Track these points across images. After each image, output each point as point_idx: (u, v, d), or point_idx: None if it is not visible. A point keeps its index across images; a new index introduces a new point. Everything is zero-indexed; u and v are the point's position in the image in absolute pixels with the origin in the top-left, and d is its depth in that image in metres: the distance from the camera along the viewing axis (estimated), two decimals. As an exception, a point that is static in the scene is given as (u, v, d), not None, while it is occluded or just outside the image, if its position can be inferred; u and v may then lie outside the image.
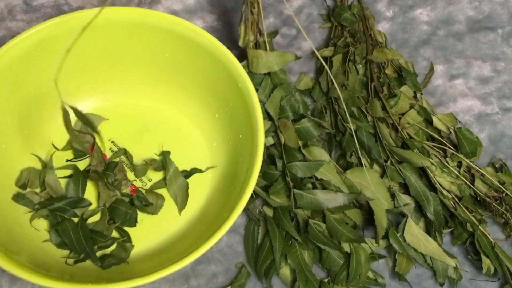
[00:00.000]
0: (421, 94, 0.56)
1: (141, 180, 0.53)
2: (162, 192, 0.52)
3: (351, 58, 0.58)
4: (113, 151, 0.53)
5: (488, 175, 0.52)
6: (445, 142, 0.53)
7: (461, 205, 0.51)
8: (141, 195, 0.51)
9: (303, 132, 0.51)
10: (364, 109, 0.55)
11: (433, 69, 0.60)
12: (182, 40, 0.49)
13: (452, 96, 0.60)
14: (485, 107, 0.59)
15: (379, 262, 0.52)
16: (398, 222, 0.51)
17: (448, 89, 0.60)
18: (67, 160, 0.52)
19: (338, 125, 0.54)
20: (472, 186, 0.52)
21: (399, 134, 0.52)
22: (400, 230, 0.50)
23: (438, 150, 0.53)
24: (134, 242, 0.50)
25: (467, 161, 0.52)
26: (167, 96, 0.55)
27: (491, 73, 0.61)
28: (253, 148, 0.46)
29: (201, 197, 0.52)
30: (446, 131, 0.54)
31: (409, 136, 0.52)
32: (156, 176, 0.53)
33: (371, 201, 0.50)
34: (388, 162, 0.52)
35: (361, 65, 0.58)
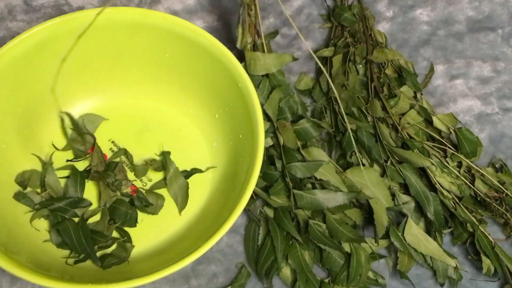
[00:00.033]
0: (421, 94, 0.56)
1: (141, 180, 0.53)
2: (162, 192, 0.52)
3: (351, 58, 0.58)
4: (113, 151, 0.53)
5: (488, 175, 0.52)
6: (445, 142, 0.53)
7: (461, 205, 0.51)
8: (141, 195, 0.51)
9: (302, 133, 0.51)
10: (364, 109, 0.55)
11: (433, 69, 0.60)
12: (182, 40, 0.49)
13: (452, 96, 0.60)
14: (485, 107, 0.59)
15: (380, 263, 0.52)
16: (399, 222, 0.51)
17: (448, 89, 0.60)
18: (67, 160, 0.52)
19: (338, 125, 0.54)
20: (472, 186, 0.52)
21: (399, 134, 0.52)
22: (401, 230, 0.50)
23: (438, 150, 0.53)
24: (134, 242, 0.50)
25: (467, 161, 0.52)
26: (167, 96, 0.55)
27: (491, 73, 0.61)
28: (253, 148, 0.46)
29: (201, 197, 0.52)
30: (446, 131, 0.54)
31: (409, 136, 0.52)
32: (156, 176, 0.53)
33: (371, 200, 0.50)
34: (388, 162, 0.52)
35: (361, 65, 0.58)
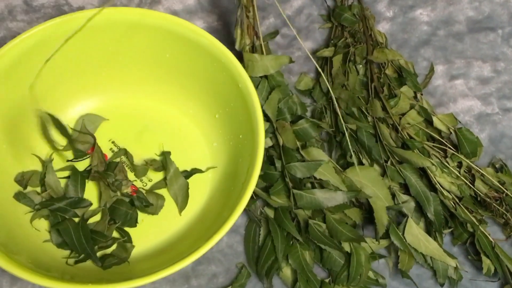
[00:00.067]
0: (421, 95, 0.56)
1: (142, 181, 0.53)
2: (163, 192, 0.52)
3: (352, 59, 0.58)
4: (114, 152, 0.53)
5: (488, 176, 0.52)
6: (445, 143, 0.53)
7: (461, 206, 0.51)
8: (142, 196, 0.51)
9: (301, 133, 0.51)
10: (365, 110, 0.55)
11: (433, 70, 0.60)
12: (183, 41, 0.49)
13: (452, 97, 0.60)
14: (485, 108, 0.59)
15: (380, 263, 0.52)
16: (399, 222, 0.51)
17: (448, 90, 0.60)
18: (68, 161, 0.52)
19: (338, 125, 0.54)
20: (472, 187, 0.52)
21: (399, 135, 0.52)
22: (401, 230, 0.50)
23: (439, 151, 0.53)
24: (135, 242, 0.50)
25: (467, 162, 0.52)
26: (168, 96, 0.55)
27: (491, 74, 0.61)
28: (254, 148, 0.46)
29: (202, 198, 0.52)
30: (446, 132, 0.54)
31: (409, 137, 0.52)
32: (157, 176, 0.53)
33: (371, 199, 0.50)
34: (389, 163, 0.52)
35: (361, 66, 0.58)
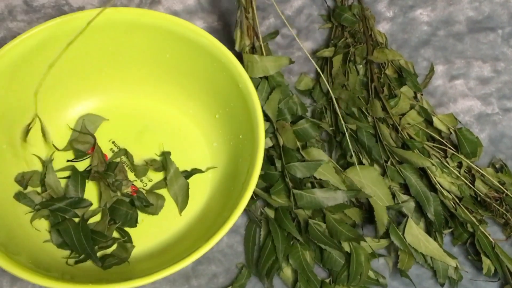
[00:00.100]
0: (421, 95, 0.56)
1: (142, 181, 0.53)
2: (163, 193, 0.52)
3: (352, 59, 0.58)
4: (114, 152, 0.53)
5: (489, 176, 0.52)
6: (446, 143, 0.53)
7: (462, 206, 0.51)
8: (142, 196, 0.51)
9: (301, 133, 0.51)
10: (365, 110, 0.55)
11: (433, 70, 0.60)
12: (183, 41, 0.49)
13: (452, 97, 0.60)
14: (485, 108, 0.59)
15: (380, 263, 0.52)
16: (399, 223, 0.51)
17: (448, 90, 0.60)
18: (68, 161, 0.52)
19: (339, 126, 0.54)
20: (473, 187, 0.52)
21: (400, 135, 0.52)
22: (401, 230, 0.50)
23: (439, 151, 0.53)
24: (135, 243, 0.50)
25: (468, 162, 0.52)
26: (168, 97, 0.55)
27: (491, 74, 0.61)
28: (254, 148, 0.46)
29: (202, 198, 0.52)
30: (447, 132, 0.54)
31: (410, 137, 0.52)
32: (157, 177, 0.53)
33: (371, 199, 0.50)
34: (389, 163, 0.52)
35: (362, 66, 0.58)
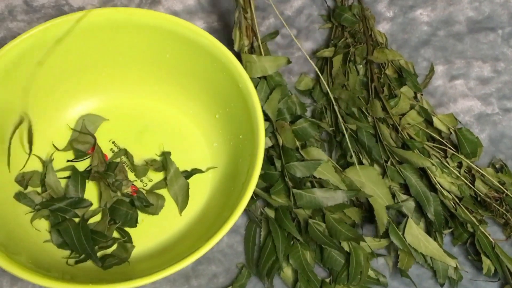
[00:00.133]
0: (422, 95, 0.56)
1: (142, 181, 0.53)
2: (163, 193, 0.52)
3: (352, 59, 0.58)
4: (114, 152, 0.53)
5: (489, 176, 0.52)
6: (446, 143, 0.53)
7: (462, 206, 0.51)
8: (142, 196, 0.51)
9: (300, 133, 0.52)
10: (365, 110, 0.55)
11: (433, 70, 0.60)
12: (183, 41, 0.49)
13: (453, 97, 0.60)
14: (485, 108, 0.59)
15: (380, 263, 0.52)
16: (399, 223, 0.51)
17: (448, 90, 0.60)
18: (68, 161, 0.52)
19: (339, 126, 0.54)
20: (473, 187, 0.52)
21: (400, 135, 0.52)
22: (401, 230, 0.50)
23: (439, 151, 0.53)
24: (135, 243, 0.50)
25: (468, 162, 0.52)
26: (168, 97, 0.55)
27: (491, 74, 0.61)
28: (254, 148, 0.46)
29: (202, 198, 0.52)
30: (447, 132, 0.54)
31: (410, 137, 0.52)
32: (157, 177, 0.53)
33: (371, 198, 0.50)
34: (389, 163, 0.52)
35: (362, 66, 0.58)
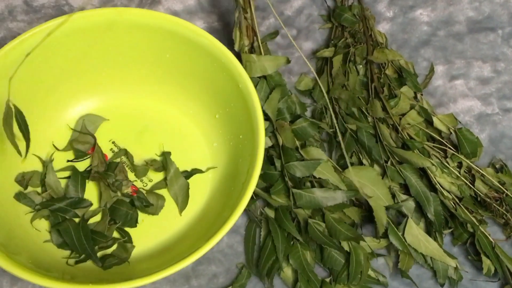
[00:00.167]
0: (422, 95, 0.56)
1: (142, 181, 0.53)
2: (163, 193, 0.52)
3: (352, 59, 0.58)
4: (114, 152, 0.53)
5: (489, 176, 0.52)
6: (446, 143, 0.53)
7: (462, 206, 0.51)
8: (142, 196, 0.51)
9: (300, 132, 0.52)
10: (365, 110, 0.55)
11: (433, 70, 0.60)
12: (183, 41, 0.49)
13: (452, 97, 0.60)
14: (485, 108, 0.59)
15: (380, 264, 0.52)
16: (399, 223, 0.51)
17: (448, 90, 0.60)
18: (68, 161, 0.52)
19: (339, 126, 0.54)
20: (473, 187, 0.52)
21: (400, 135, 0.52)
22: (401, 230, 0.50)
23: (439, 151, 0.53)
24: (135, 243, 0.50)
25: (468, 162, 0.52)
26: (168, 97, 0.55)
27: (491, 74, 0.61)
28: (254, 148, 0.46)
29: (202, 198, 0.52)
30: (447, 132, 0.54)
31: (410, 137, 0.52)
32: (157, 177, 0.53)
33: (370, 199, 0.50)
34: (389, 163, 0.52)
35: (362, 66, 0.58)
